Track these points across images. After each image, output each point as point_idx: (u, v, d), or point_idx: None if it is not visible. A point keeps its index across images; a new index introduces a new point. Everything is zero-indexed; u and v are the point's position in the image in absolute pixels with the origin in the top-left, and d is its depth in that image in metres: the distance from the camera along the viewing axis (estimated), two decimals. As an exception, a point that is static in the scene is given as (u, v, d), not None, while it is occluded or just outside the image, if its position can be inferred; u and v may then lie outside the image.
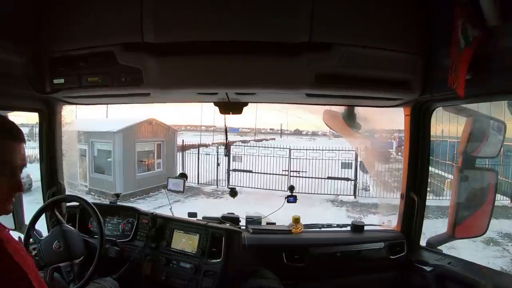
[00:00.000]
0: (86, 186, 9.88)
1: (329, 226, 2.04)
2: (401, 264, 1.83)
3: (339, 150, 10.16)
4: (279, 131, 27.47)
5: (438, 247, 1.82)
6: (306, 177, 10.16)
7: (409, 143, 1.79)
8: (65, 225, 1.59)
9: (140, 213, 1.84)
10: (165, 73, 1.37)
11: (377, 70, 1.39)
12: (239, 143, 13.11)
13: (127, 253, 1.72)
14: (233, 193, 2.11)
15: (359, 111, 1.98)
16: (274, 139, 21.29)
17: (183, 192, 1.93)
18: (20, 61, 1.43)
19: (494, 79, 1.18)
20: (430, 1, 1.35)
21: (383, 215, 2.31)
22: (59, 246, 1.50)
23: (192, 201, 9.15)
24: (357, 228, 1.96)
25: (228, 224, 1.82)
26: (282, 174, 10.45)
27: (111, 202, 1.96)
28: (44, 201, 1.81)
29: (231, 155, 10.69)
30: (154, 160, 10.79)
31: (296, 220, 1.94)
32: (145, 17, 1.27)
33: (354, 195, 9.86)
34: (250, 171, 10.53)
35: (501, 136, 1.72)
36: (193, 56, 1.31)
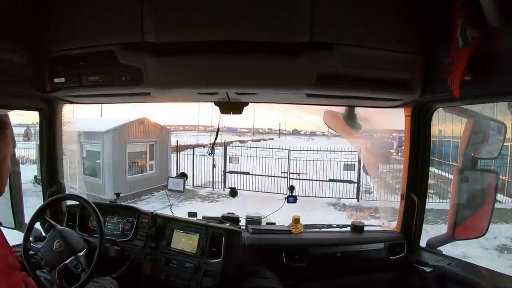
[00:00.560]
0: (77, 189, 9.48)
1: (329, 227, 2.04)
2: (401, 265, 1.83)
3: (341, 151, 9.61)
4: (277, 131, 27.40)
5: (438, 248, 1.82)
6: (307, 180, 9.64)
7: (410, 144, 1.79)
8: (59, 226, 1.59)
9: (140, 213, 1.84)
10: (166, 73, 1.37)
11: (378, 71, 1.39)
12: (237, 143, 12.66)
13: (127, 253, 1.72)
14: (233, 193, 2.11)
15: (360, 112, 1.97)
16: (273, 139, 21.16)
17: (183, 192, 1.93)
18: (21, 60, 1.44)
19: (495, 80, 1.18)
20: (431, 1, 1.35)
21: (388, 221, 2.28)
22: (60, 245, 1.50)
23: (186, 205, 8.43)
24: (357, 229, 1.96)
25: (228, 224, 1.82)
26: (281, 176, 9.90)
27: (111, 202, 1.96)
28: (44, 200, 1.81)
29: (228, 156, 10.30)
30: (147, 162, 10.21)
31: (296, 220, 1.94)
32: (146, 17, 1.27)
33: (357, 199, 9.38)
34: (248, 173, 10.01)
35: (501, 137, 1.72)
36: (194, 56, 1.31)
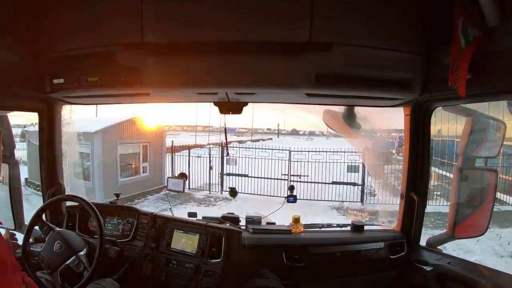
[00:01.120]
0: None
1: (329, 226, 2.04)
2: (401, 264, 1.83)
3: (345, 152, 9.08)
4: (276, 131, 27.34)
5: (438, 247, 1.83)
6: (308, 182, 9.08)
7: (409, 143, 1.79)
8: (57, 228, 1.59)
9: (140, 213, 1.84)
10: (165, 73, 1.37)
11: (377, 70, 1.39)
12: (236, 144, 12.24)
13: (127, 253, 1.72)
14: (233, 193, 2.11)
15: (359, 111, 1.97)
16: (271, 139, 21.08)
17: (183, 192, 1.93)
18: (20, 61, 1.44)
19: (494, 79, 1.18)
20: (430, 1, 1.35)
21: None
22: (60, 246, 1.51)
23: (181, 210, 7.96)
24: (357, 228, 1.96)
25: (228, 224, 1.82)
26: (282, 179, 9.30)
27: (111, 202, 1.96)
28: (44, 201, 1.81)
29: (225, 158, 9.76)
30: (140, 164, 9.67)
31: (296, 220, 1.94)
32: (145, 17, 1.26)
33: (362, 202, 8.91)
34: (246, 175, 9.48)
35: (501, 136, 1.72)
36: (193, 56, 1.31)
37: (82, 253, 1.54)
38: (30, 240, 1.57)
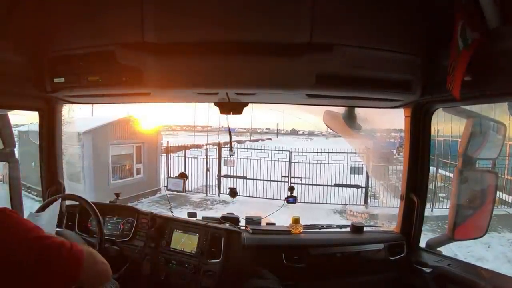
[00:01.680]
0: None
1: (329, 227, 2.04)
2: (401, 265, 1.83)
3: (348, 153, 8.60)
4: (276, 131, 27.25)
5: (438, 249, 1.82)
6: (310, 184, 8.69)
7: (409, 145, 1.79)
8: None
9: (140, 213, 1.84)
10: (166, 73, 1.36)
11: (378, 71, 1.39)
12: (234, 144, 11.96)
13: (127, 253, 1.72)
14: (233, 193, 2.11)
15: (360, 112, 1.97)
16: (271, 139, 20.94)
17: (183, 192, 1.93)
18: (21, 60, 1.44)
19: (495, 81, 1.18)
20: (431, 2, 1.35)
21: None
22: None
23: (176, 214, 7.37)
24: (357, 229, 1.95)
25: (228, 224, 1.82)
26: (282, 181, 8.81)
27: (111, 202, 1.96)
28: (44, 200, 1.81)
29: (222, 159, 9.41)
30: (133, 165, 9.21)
31: (296, 221, 1.94)
32: (146, 17, 1.26)
33: (365, 205, 8.55)
34: (245, 177, 9.01)
35: (501, 137, 1.72)
36: (194, 56, 1.31)
37: None
38: None
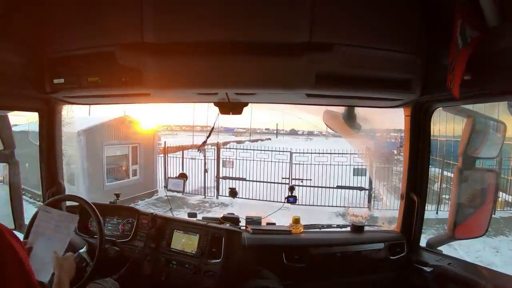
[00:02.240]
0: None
1: (329, 227, 2.04)
2: (401, 265, 1.83)
3: (351, 154, 8.32)
4: (275, 131, 27.20)
5: (438, 248, 1.82)
6: (311, 186, 8.44)
7: (409, 144, 1.79)
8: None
9: (140, 213, 1.84)
10: (165, 73, 1.36)
11: (377, 71, 1.39)
12: (232, 144, 11.64)
13: (127, 253, 1.72)
14: (233, 193, 2.10)
15: (359, 112, 1.97)
16: (270, 139, 20.92)
17: (183, 192, 1.93)
18: (20, 61, 1.44)
19: (494, 80, 1.18)
20: (431, 1, 1.35)
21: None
22: None
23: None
24: (357, 229, 1.95)
25: (228, 224, 1.82)
26: (282, 183, 8.49)
27: (111, 202, 1.96)
28: (44, 201, 1.81)
29: (221, 160, 9.17)
30: (129, 167, 8.93)
31: (296, 221, 1.94)
32: (145, 18, 1.26)
33: (369, 207, 8.22)
34: (244, 179, 8.77)
35: (501, 136, 1.72)
36: (193, 57, 1.31)
37: (83, 250, 1.55)
38: None
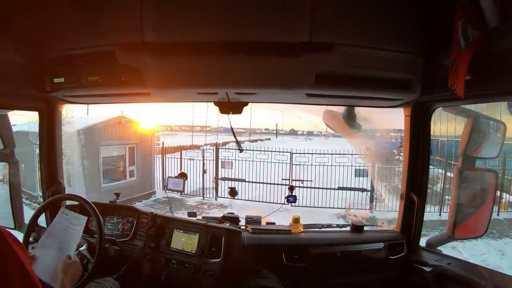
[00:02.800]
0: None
1: (329, 226, 2.05)
2: (401, 265, 1.83)
3: (352, 154, 8.15)
4: (275, 131, 27.11)
5: (438, 248, 1.83)
6: (312, 188, 8.28)
7: (409, 144, 1.79)
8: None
9: (140, 213, 1.84)
10: (165, 73, 1.36)
11: (377, 70, 1.39)
12: (231, 144, 11.22)
13: (127, 253, 1.72)
14: (233, 193, 2.11)
15: (360, 111, 1.97)
16: (270, 139, 20.78)
17: (183, 191, 1.93)
18: (20, 61, 1.44)
19: (494, 80, 1.18)
20: (431, 1, 1.35)
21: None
22: None
23: None
24: (357, 229, 1.96)
25: (228, 224, 1.82)
26: (282, 184, 8.30)
27: (111, 202, 1.96)
28: (44, 200, 1.81)
29: (220, 160, 8.96)
30: (126, 167, 8.76)
31: (296, 220, 1.94)
32: (145, 17, 1.26)
33: (371, 209, 8.02)
34: (243, 180, 8.56)
35: (501, 136, 1.72)
36: (193, 56, 1.31)
37: (83, 248, 1.55)
38: (30, 239, 1.57)
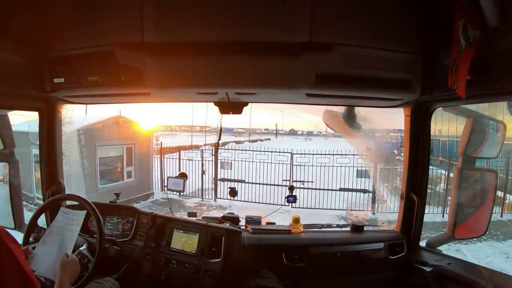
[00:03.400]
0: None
1: (329, 226, 2.05)
2: (401, 265, 1.83)
3: (354, 155, 8.00)
4: (274, 131, 27.07)
5: (438, 248, 1.83)
6: (313, 189, 8.11)
7: (409, 144, 1.79)
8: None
9: (140, 213, 1.84)
10: (165, 73, 1.36)
11: (377, 70, 1.39)
12: (231, 144, 11.30)
13: (127, 253, 1.72)
14: (233, 193, 2.10)
15: (360, 111, 1.97)
16: (270, 139, 20.77)
17: (183, 191, 1.94)
18: (20, 60, 1.44)
19: (494, 80, 1.18)
20: (431, 1, 1.35)
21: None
22: None
23: None
24: (357, 228, 1.95)
25: (228, 224, 1.82)
26: (283, 185, 8.13)
27: (111, 202, 1.96)
28: (44, 200, 1.81)
29: (219, 161, 8.85)
30: (123, 168, 8.66)
31: (296, 220, 1.94)
32: (146, 17, 1.26)
33: (373, 210, 7.88)
34: (243, 181, 8.40)
35: (501, 136, 1.72)
36: (194, 56, 1.31)
37: (83, 248, 1.55)
38: (30, 239, 1.57)
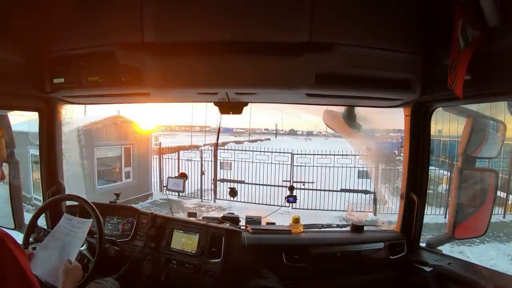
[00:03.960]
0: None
1: (329, 226, 2.05)
2: (401, 265, 1.83)
3: (355, 155, 7.87)
4: (274, 131, 27.06)
5: (438, 248, 1.83)
6: (314, 190, 8.02)
7: (409, 144, 1.79)
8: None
9: (140, 213, 1.84)
10: (165, 73, 1.37)
11: (377, 70, 1.39)
12: (231, 145, 11.24)
13: (127, 253, 1.72)
14: (233, 193, 2.10)
15: (360, 111, 1.97)
16: (269, 139, 20.73)
17: (183, 192, 1.94)
18: (20, 61, 1.44)
19: (494, 80, 1.18)
20: (431, 1, 1.35)
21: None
22: None
23: None
24: (357, 228, 1.95)
25: (228, 224, 1.82)
26: (283, 186, 7.99)
27: (111, 202, 1.96)
28: (44, 200, 1.81)
29: (218, 162, 8.73)
30: (122, 169, 8.54)
31: (296, 220, 1.94)
32: (145, 17, 1.26)
33: (374, 212, 7.71)
34: (243, 182, 8.28)
35: (501, 136, 1.72)
36: (193, 56, 1.31)
37: (83, 248, 1.55)
38: (30, 240, 1.57)
